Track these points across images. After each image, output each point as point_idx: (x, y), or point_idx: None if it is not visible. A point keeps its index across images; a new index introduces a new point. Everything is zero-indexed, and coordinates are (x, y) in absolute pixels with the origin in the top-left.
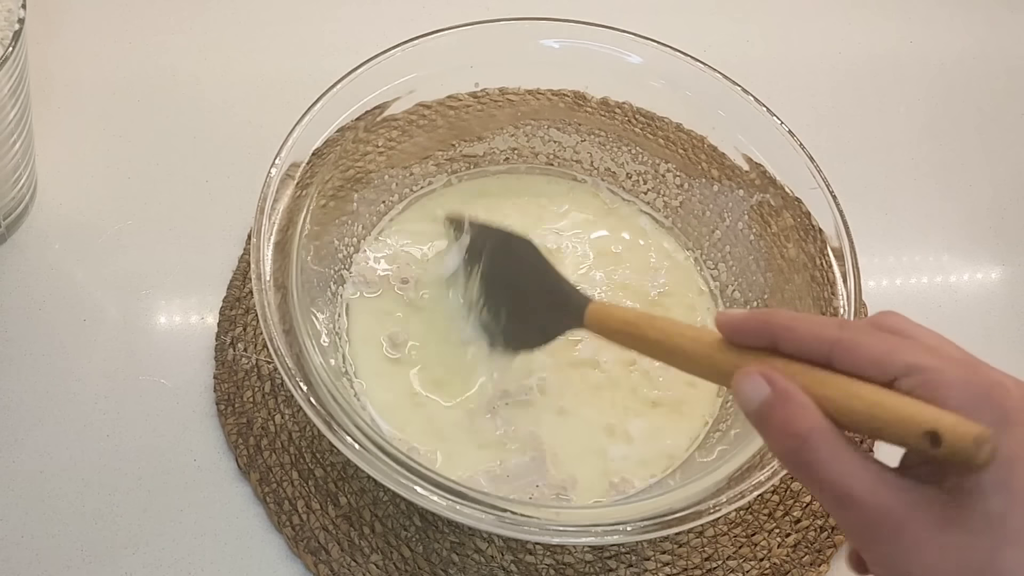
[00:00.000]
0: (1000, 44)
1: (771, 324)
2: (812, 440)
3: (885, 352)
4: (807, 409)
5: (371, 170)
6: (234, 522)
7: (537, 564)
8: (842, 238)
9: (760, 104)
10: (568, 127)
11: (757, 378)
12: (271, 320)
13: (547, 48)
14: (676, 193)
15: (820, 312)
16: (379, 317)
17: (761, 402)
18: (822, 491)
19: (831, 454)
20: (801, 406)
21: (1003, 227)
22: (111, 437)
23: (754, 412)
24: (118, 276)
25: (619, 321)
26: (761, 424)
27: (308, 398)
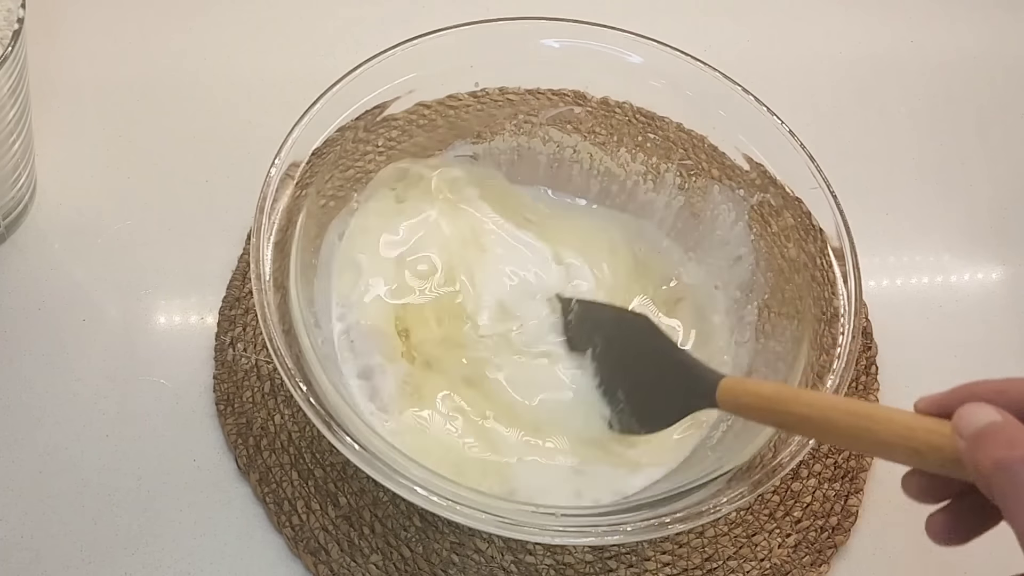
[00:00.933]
0: (1000, 44)
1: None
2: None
3: None
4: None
5: (371, 170)
6: (234, 522)
7: (537, 564)
8: (842, 238)
9: (760, 104)
10: (568, 127)
11: (988, 407)
12: (271, 320)
13: (547, 48)
14: (676, 193)
15: (820, 312)
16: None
17: (989, 423)
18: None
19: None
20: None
21: (1003, 227)
22: (111, 437)
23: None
24: (118, 276)
25: (757, 396)
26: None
27: (308, 398)
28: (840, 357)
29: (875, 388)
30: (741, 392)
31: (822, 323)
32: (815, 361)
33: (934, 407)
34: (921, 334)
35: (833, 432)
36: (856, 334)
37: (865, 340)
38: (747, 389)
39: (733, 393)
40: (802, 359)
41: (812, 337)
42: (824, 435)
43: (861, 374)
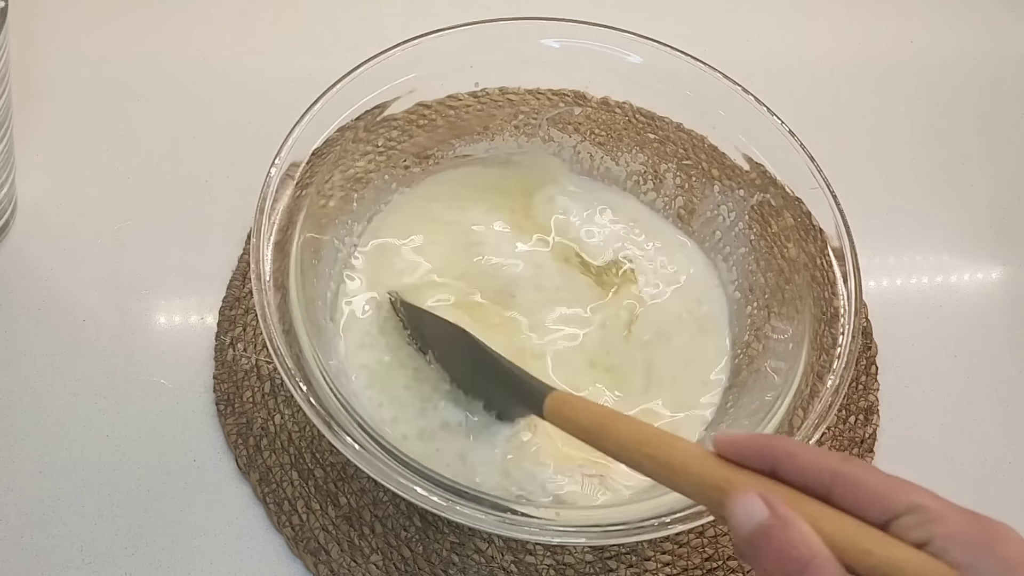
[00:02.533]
0: (1000, 44)
1: (773, 447)
2: (814, 566)
3: (888, 488)
4: (809, 536)
5: (371, 170)
6: (234, 522)
7: (537, 564)
8: (842, 238)
9: (760, 104)
10: (568, 127)
11: (755, 499)
12: (271, 320)
13: (547, 48)
14: (676, 193)
15: (821, 312)
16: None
17: (759, 524)
18: None
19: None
20: (802, 532)
21: (1003, 227)
22: (111, 437)
23: (748, 535)
24: (118, 276)
25: (584, 418)
26: (757, 548)
27: (308, 398)
28: (840, 357)
29: (875, 388)
30: (562, 415)
31: (822, 323)
32: (815, 361)
33: (731, 450)
34: (921, 334)
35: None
36: (856, 334)
37: (865, 340)
38: (566, 414)
39: (557, 413)
40: (802, 359)
41: (812, 337)
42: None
43: (861, 374)
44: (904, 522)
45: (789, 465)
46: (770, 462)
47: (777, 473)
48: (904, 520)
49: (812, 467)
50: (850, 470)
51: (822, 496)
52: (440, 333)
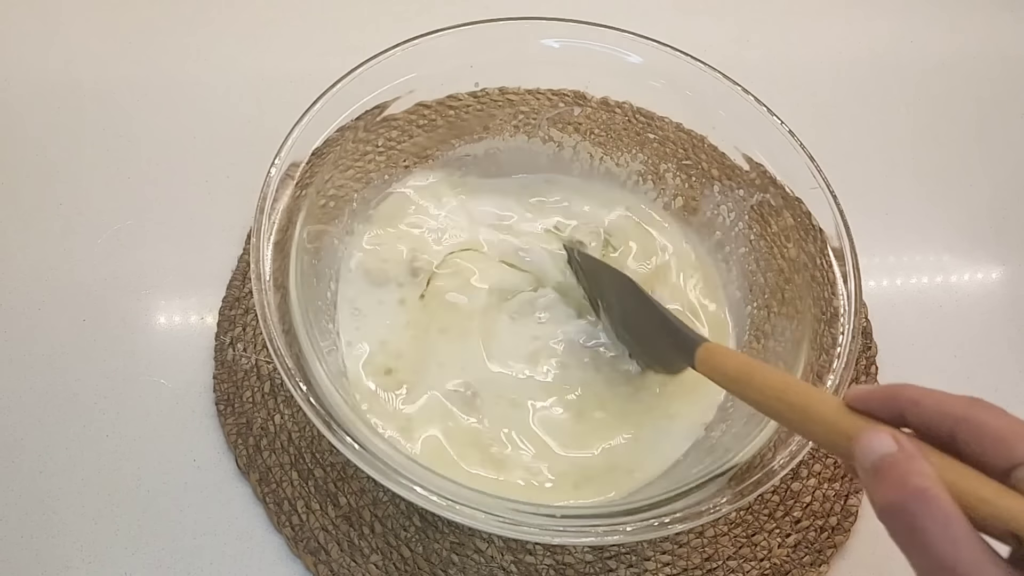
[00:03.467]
0: (1000, 44)
1: (899, 398)
2: (929, 495)
3: (1011, 435)
4: (928, 469)
5: (371, 170)
6: (234, 522)
7: (537, 564)
8: (842, 238)
9: (760, 104)
10: (568, 127)
11: (885, 435)
12: (271, 320)
13: (547, 48)
14: (676, 193)
15: (820, 312)
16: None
17: (884, 454)
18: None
19: (946, 519)
20: (923, 465)
21: (1003, 227)
22: (111, 437)
23: (873, 464)
24: (118, 276)
25: (731, 367)
26: (878, 475)
27: (308, 398)
28: (840, 357)
29: None
30: (718, 359)
31: (822, 323)
32: (815, 361)
33: (860, 403)
34: (921, 334)
35: (778, 419)
36: (856, 334)
37: (865, 340)
38: (724, 358)
39: (710, 359)
40: (802, 359)
41: (812, 337)
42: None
43: (861, 374)
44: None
45: (914, 411)
46: (897, 411)
47: (905, 421)
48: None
49: (936, 413)
50: (975, 415)
51: (948, 441)
52: (610, 282)
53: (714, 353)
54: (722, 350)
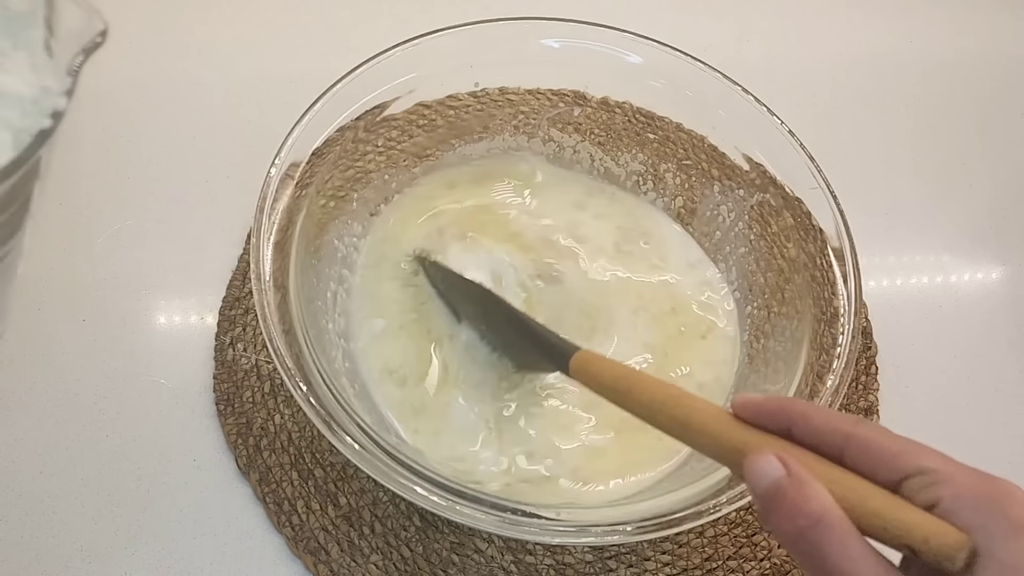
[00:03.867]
0: (1000, 44)
1: (788, 410)
2: (825, 522)
3: (899, 451)
4: (821, 493)
5: (371, 170)
6: (234, 522)
7: (537, 564)
8: (842, 238)
9: (760, 104)
10: (568, 127)
11: (771, 458)
12: (271, 320)
13: (547, 48)
14: (676, 193)
15: (820, 312)
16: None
17: (773, 481)
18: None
19: (842, 540)
20: (815, 490)
21: (1003, 227)
22: (111, 437)
23: (763, 492)
24: (118, 276)
25: (608, 377)
26: (770, 504)
27: (308, 398)
28: (840, 357)
29: (875, 388)
30: (594, 367)
31: (822, 323)
32: (815, 361)
33: (747, 412)
34: (921, 334)
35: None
36: (856, 334)
37: (865, 340)
38: (592, 371)
39: (583, 371)
40: (802, 359)
41: (812, 337)
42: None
43: (861, 374)
44: (913, 483)
45: (804, 426)
46: (785, 424)
47: (792, 435)
48: (913, 481)
49: (825, 428)
50: (862, 431)
51: (835, 457)
52: (465, 292)
53: (590, 361)
54: (598, 358)
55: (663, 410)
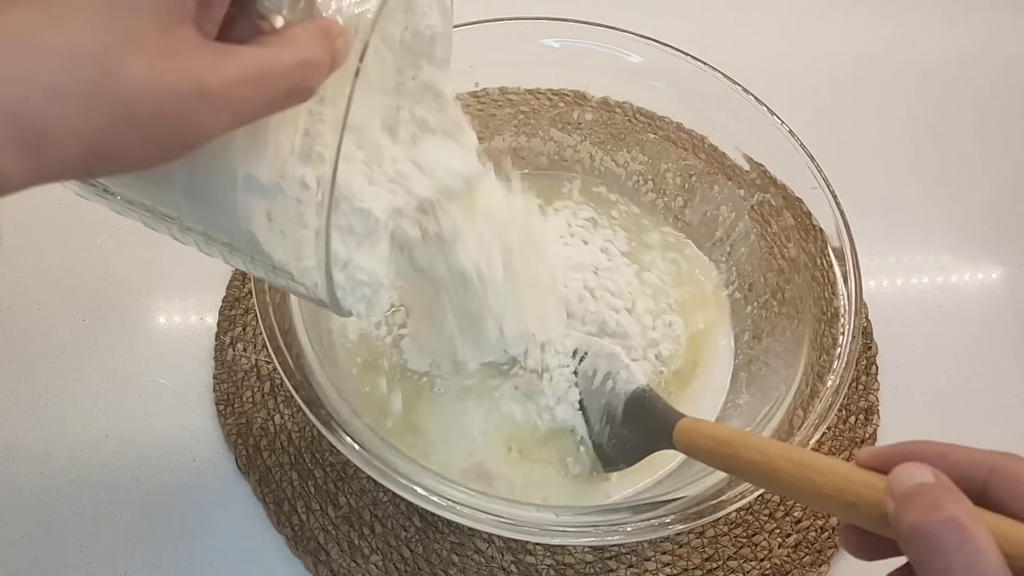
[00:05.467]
0: (1000, 44)
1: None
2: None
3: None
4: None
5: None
6: (234, 522)
7: (537, 564)
8: (843, 238)
9: (760, 104)
10: (568, 127)
11: (924, 467)
12: (271, 320)
13: (547, 48)
14: (676, 193)
15: (820, 312)
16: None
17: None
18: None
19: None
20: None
21: (1003, 227)
22: (111, 437)
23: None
24: (118, 276)
25: (708, 439)
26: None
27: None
28: (840, 357)
29: (875, 388)
30: (695, 434)
31: (822, 323)
32: (815, 361)
33: (875, 461)
34: (921, 334)
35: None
36: (856, 334)
37: (865, 340)
38: (700, 431)
39: (687, 434)
40: (802, 359)
41: (812, 337)
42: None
43: (861, 374)
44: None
45: (941, 464)
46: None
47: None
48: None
49: (967, 463)
50: (1010, 465)
51: (978, 491)
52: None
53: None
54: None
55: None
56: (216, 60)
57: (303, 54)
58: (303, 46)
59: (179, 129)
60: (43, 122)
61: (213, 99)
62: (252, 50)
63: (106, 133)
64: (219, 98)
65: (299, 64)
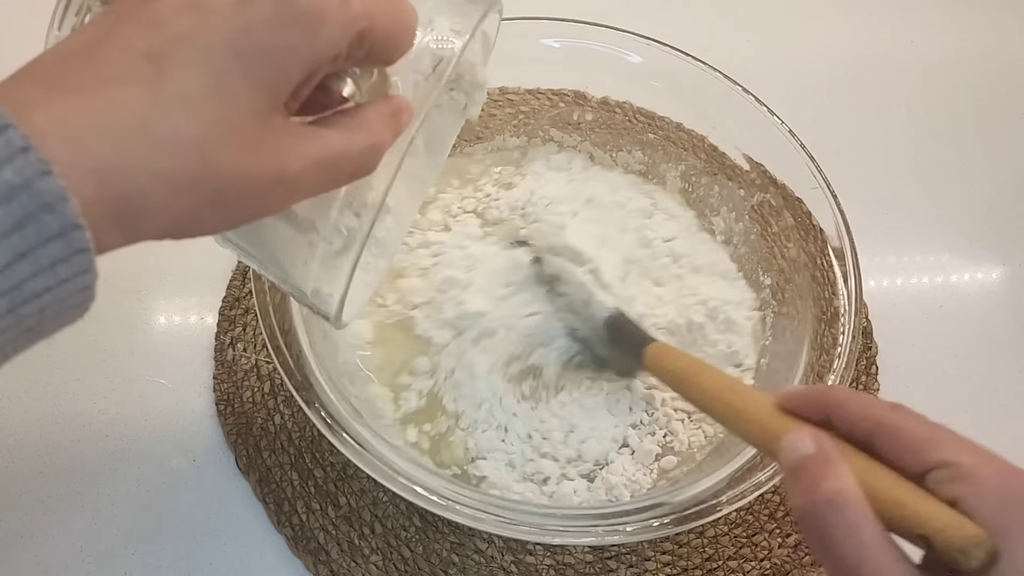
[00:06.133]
0: (1000, 44)
1: (828, 398)
2: (838, 502)
3: (925, 440)
4: (842, 474)
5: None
6: (234, 522)
7: (537, 564)
8: (843, 238)
9: (760, 104)
10: (568, 127)
11: (806, 437)
12: (271, 320)
13: (547, 47)
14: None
15: (820, 312)
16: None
17: (801, 456)
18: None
19: (853, 522)
20: (838, 469)
21: (1003, 227)
22: (111, 437)
23: (791, 465)
24: (118, 276)
25: (680, 366)
26: (793, 477)
27: (308, 398)
28: (840, 357)
29: (875, 388)
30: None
31: (822, 323)
32: (815, 361)
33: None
34: (921, 334)
35: (717, 419)
36: (856, 334)
37: (865, 340)
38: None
39: (656, 358)
40: (802, 359)
41: (812, 337)
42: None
43: (861, 374)
44: (936, 476)
45: (840, 414)
46: (824, 413)
47: (831, 422)
48: (936, 474)
49: (859, 415)
50: (893, 419)
51: (866, 445)
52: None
53: (664, 352)
54: (670, 349)
55: (721, 396)
56: (298, 147)
57: (374, 139)
58: (375, 130)
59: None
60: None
61: (290, 183)
62: (329, 135)
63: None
64: (295, 182)
65: (368, 148)
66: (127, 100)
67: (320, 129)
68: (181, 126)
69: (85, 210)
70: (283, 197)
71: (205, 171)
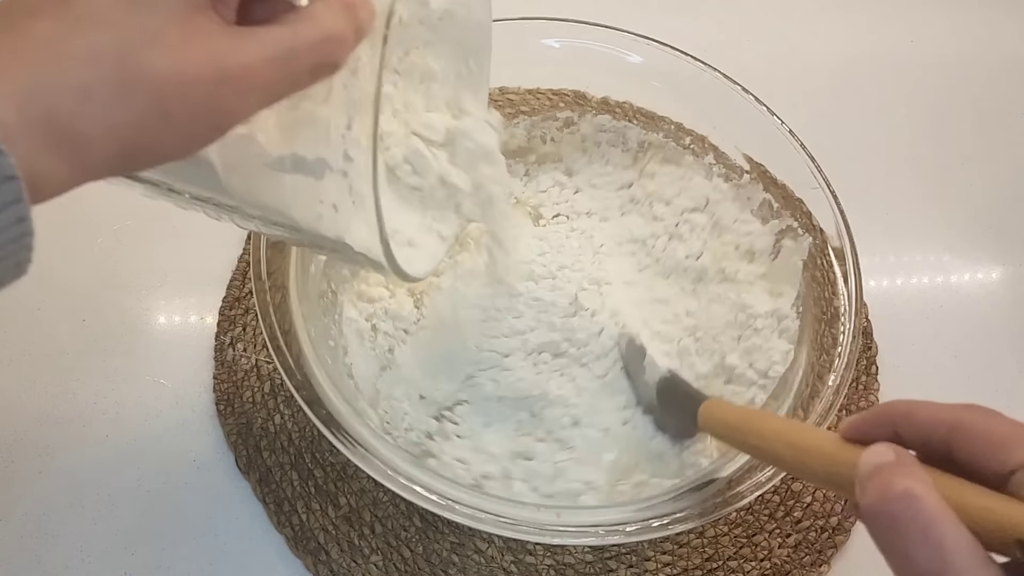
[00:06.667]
0: (1000, 44)
1: (890, 414)
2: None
3: (1006, 439)
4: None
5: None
6: (234, 522)
7: (537, 564)
8: (843, 238)
9: (760, 104)
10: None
11: (882, 447)
12: (271, 320)
13: (547, 47)
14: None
15: (820, 312)
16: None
17: (878, 464)
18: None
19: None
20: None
21: (1003, 227)
22: (111, 437)
23: (867, 473)
24: (118, 276)
25: (732, 417)
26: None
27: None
28: (840, 357)
29: (875, 388)
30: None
31: (823, 323)
32: (816, 361)
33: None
34: (921, 334)
35: (779, 464)
36: (856, 334)
37: (865, 340)
38: (722, 412)
39: (708, 416)
40: (803, 359)
41: (813, 337)
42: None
43: (861, 374)
44: (1020, 478)
45: (907, 425)
46: (890, 427)
47: (901, 438)
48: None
49: (929, 422)
50: (968, 420)
51: (944, 453)
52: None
53: (716, 405)
54: (723, 403)
55: (782, 438)
56: (235, 43)
57: (324, 29)
58: (323, 21)
59: (207, 114)
60: (76, 123)
61: (236, 82)
62: (271, 30)
63: (138, 127)
64: (242, 80)
65: (321, 40)
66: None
67: (259, 28)
68: (93, 39)
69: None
70: (235, 99)
71: (131, 76)
